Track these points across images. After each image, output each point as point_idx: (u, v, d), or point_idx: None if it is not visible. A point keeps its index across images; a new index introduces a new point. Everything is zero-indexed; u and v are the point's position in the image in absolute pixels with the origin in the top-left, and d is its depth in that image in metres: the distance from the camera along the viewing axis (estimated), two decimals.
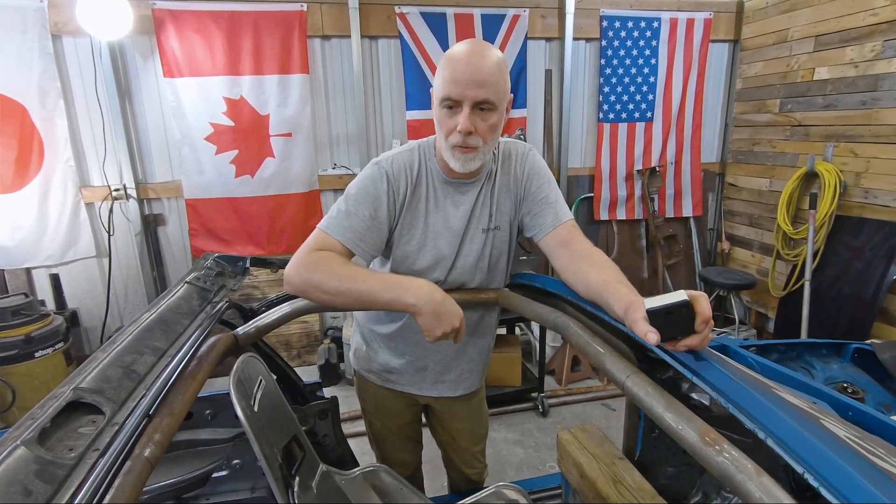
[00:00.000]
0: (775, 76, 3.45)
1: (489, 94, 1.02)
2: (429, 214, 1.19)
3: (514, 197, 1.24)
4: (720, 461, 0.58)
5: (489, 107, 1.04)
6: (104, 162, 3.06)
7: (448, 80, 1.03)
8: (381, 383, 1.43)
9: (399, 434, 1.54)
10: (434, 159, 1.19)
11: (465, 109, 1.02)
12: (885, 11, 2.72)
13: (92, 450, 0.58)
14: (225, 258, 1.25)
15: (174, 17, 2.94)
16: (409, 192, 1.16)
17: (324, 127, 3.39)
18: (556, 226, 1.18)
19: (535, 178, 1.22)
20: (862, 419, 1.17)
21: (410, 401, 1.46)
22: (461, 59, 1.02)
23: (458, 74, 1.01)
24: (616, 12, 3.53)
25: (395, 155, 1.18)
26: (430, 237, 1.21)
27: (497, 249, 1.27)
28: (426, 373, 1.37)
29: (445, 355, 1.36)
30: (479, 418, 1.57)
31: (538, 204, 1.20)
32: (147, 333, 0.85)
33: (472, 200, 1.21)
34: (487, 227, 1.23)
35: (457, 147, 1.07)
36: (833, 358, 1.82)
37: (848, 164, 2.97)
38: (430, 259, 1.22)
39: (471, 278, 1.28)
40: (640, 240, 3.98)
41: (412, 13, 3.23)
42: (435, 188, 1.19)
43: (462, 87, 1.01)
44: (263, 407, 1.04)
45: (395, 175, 1.14)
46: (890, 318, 2.76)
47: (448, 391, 1.42)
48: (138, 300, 3.33)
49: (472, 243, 1.23)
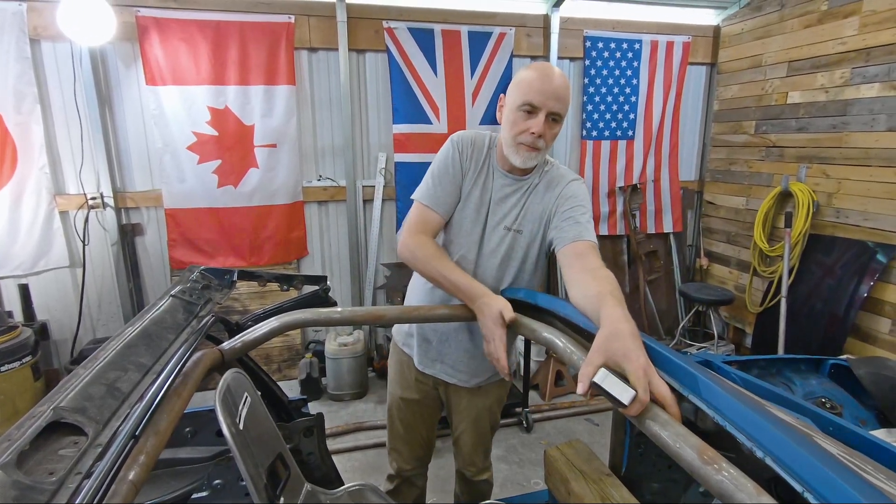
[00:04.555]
0: (751, 99, 3.58)
1: (561, 108, 1.23)
2: (476, 187, 1.37)
3: (545, 212, 1.35)
4: (719, 480, 0.58)
5: (557, 118, 1.24)
6: (81, 169, 2.98)
7: (532, 89, 1.21)
8: (401, 346, 1.59)
9: (409, 417, 1.61)
10: (496, 149, 1.39)
11: (542, 116, 1.21)
12: (852, 41, 2.86)
13: (74, 473, 0.55)
14: (211, 271, 1.22)
15: (159, 24, 2.91)
16: (472, 163, 1.37)
17: (309, 138, 3.38)
18: (577, 240, 1.24)
19: (570, 199, 1.32)
20: (842, 434, 1.19)
21: (421, 376, 1.55)
22: (546, 75, 1.22)
23: (542, 86, 1.20)
24: (599, 33, 3.62)
25: (468, 133, 1.40)
26: (471, 211, 1.37)
27: (515, 251, 1.37)
28: (430, 346, 1.50)
29: (444, 336, 1.47)
30: (481, 419, 1.60)
31: (566, 220, 1.29)
32: (131, 349, 0.81)
33: (507, 196, 1.37)
34: (510, 226, 1.36)
35: (524, 145, 1.25)
36: (811, 374, 1.86)
37: (820, 184, 3.08)
38: (469, 231, 1.38)
39: (489, 267, 1.39)
40: (622, 255, 4.04)
41: (400, 28, 3.26)
42: (491, 170, 1.38)
43: (544, 96, 1.20)
44: (249, 424, 1.01)
45: (462, 147, 1.37)
46: (862, 334, 2.85)
47: (445, 374, 1.51)
48: (112, 312, 3.22)
49: (495, 234, 1.37)
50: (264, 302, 3.36)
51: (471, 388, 1.53)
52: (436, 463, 1.75)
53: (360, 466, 2.58)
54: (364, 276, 3.60)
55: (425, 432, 1.66)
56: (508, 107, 1.28)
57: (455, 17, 3.36)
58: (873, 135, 2.78)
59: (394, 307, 1.37)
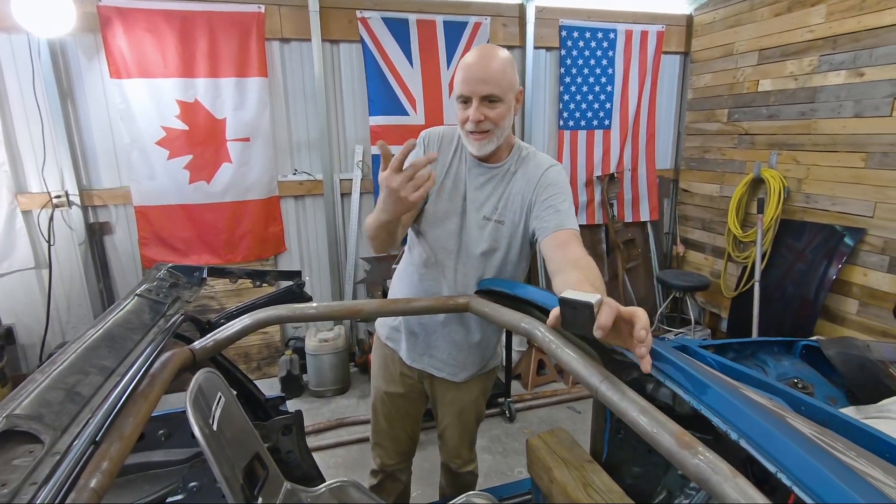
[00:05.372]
0: (723, 87, 3.63)
1: (493, 89, 1.22)
2: (448, 178, 1.38)
3: (525, 201, 1.34)
4: (695, 463, 0.59)
5: (495, 98, 1.24)
6: (43, 167, 2.86)
7: (461, 80, 1.25)
8: (385, 340, 1.58)
9: (393, 412, 1.60)
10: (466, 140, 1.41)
11: (475, 103, 1.23)
12: (819, 29, 2.91)
13: (29, 483, 0.52)
14: (180, 268, 1.18)
15: (122, 14, 2.80)
16: (440, 156, 1.38)
17: (284, 132, 3.31)
18: (558, 230, 1.24)
19: (549, 187, 1.31)
20: (813, 413, 1.22)
21: (406, 369, 1.54)
22: (471, 62, 1.24)
23: (468, 75, 1.23)
24: (574, 23, 3.62)
25: (437, 129, 1.44)
26: (445, 201, 1.38)
27: (497, 242, 1.36)
28: (417, 340, 1.49)
29: (431, 329, 1.46)
30: (466, 412, 1.60)
31: (546, 210, 1.29)
32: (92, 351, 0.77)
33: (482, 185, 1.37)
34: (490, 216, 1.36)
35: (471, 133, 1.28)
36: (784, 355, 1.91)
37: (791, 170, 3.15)
38: (444, 220, 1.38)
39: (474, 256, 1.38)
40: (601, 244, 4.08)
41: (374, 18, 3.21)
42: (462, 161, 1.39)
43: (471, 85, 1.23)
44: (223, 425, 0.98)
45: (429, 142, 1.41)
46: (831, 315, 2.94)
47: (433, 368, 1.50)
48: (82, 314, 3.12)
49: (474, 223, 1.37)
50: (241, 299, 3.30)
51: (457, 381, 1.52)
52: (420, 455, 1.74)
53: (343, 463, 2.56)
54: (343, 270, 3.56)
55: (410, 427, 1.65)
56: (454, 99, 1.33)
57: (430, 7, 3.32)
58: (840, 121, 2.85)
59: (372, 301, 1.35)
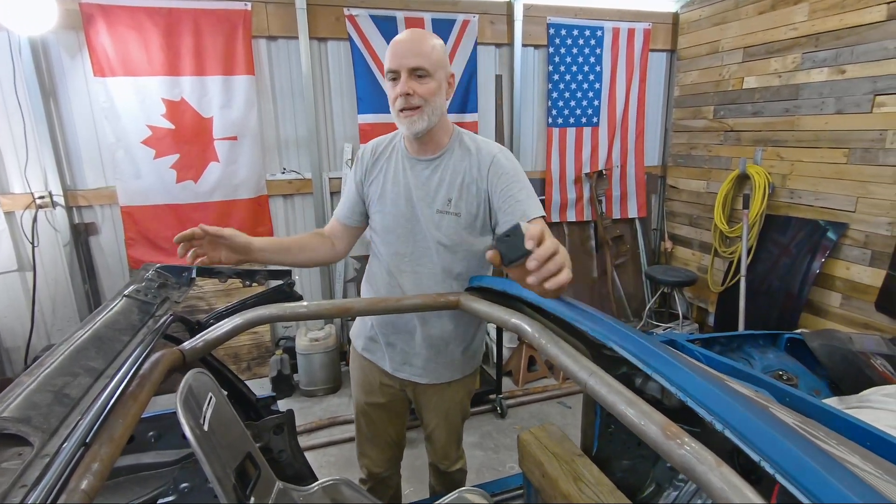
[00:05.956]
0: (709, 84, 3.67)
1: (422, 62, 1.22)
2: (387, 183, 1.39)
3: (481, 191, 1.31)
4: (681, 454, 0.60)
5: (423, 73, 1.23)
6: (26, 167, 2.81)
7: (390, 56, 1.24)
8: (361, 351, 1.56)
9: (376, 422, 1.59)
10: (403, 140, 1.40)
11: (403, 75, 1.22)
12: (803, 26, 2.96)
13: (19, 486, 0.52)
14: (168, 268, 1.17)
15: (105, 12, 2.75)
16: (369, 166, 1.42)
17: (272, 130, 3.28)
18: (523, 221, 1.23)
19: (503, 176, 1.29)
20: (798, 404, 1.25)
21: (387, 378, 1.52)
22: (400, 39, 1.24)
23: (396, 50, 1.23)
24: (562, 20, 3.64)
25: (370, 142, 1.47)
26: (390, 207, 1.38)
27: (455, 234, 1.34)
28: (395, 350, 1.48)
29: (408, 338, 1.45)
30: (452, 413, 1.58)
31: (507, 202, 1.28)
32: (80, 353, 0.77)
33: (427, 178, 1.35)
34: (444, 209, 1.33)
35: (401, 111, 1.25)
36: (769, 348, 1.94)
37: (775, 166, 3.20)
38: (393, 226, 1.38)
39: (430, 256, 1.37)
40: (590, 240, 4.11)
41: (361, 15, 3.19)
42: (399, 163, 1.38)
43: (398, 58, 1.22)
44: (214, 425, 0.98)
45: (363, 153, 1.45)
46: (815, 308, 2.99)
47: (415, 377, 1.48)
48: (68, 316, 3.08)
49: (427, 220, 1.34)
50: (230, 300, 3.27)
51: (441, 384, 1.50)
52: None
53: (335, 461, 2.56)
54: (333, 269, 3.55)
55: (394, 433, 1.64)
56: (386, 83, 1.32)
57: (417, 5, 3.31)
58: (822, 118, 2.90)
59: (361, 299, 1.35)
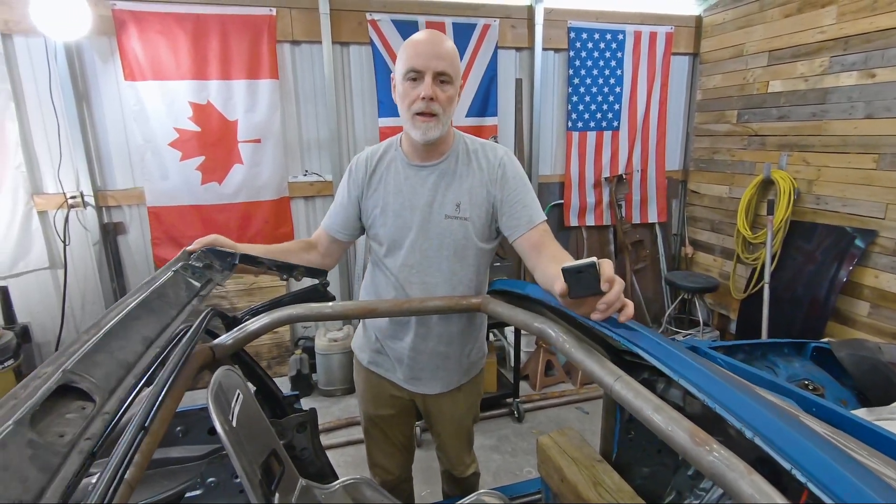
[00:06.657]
0: (733, 88, 3.62)
1: (447, 66, 1.17)
2: (388, 195, 1.32)
3: (491, 195, 1.30)
4: (711, 460, 0.60)
5: (447, 79, 1.19)
6: (59, 168, 2.91)
7: (412, 55, 1.17)
8: (367, 364, 1.52)
9: (386, 431, 1.58)
10: (400, 148, 1.34)
11: (428, 78, 1.16)
12: (831, 30, 2.90)
13: (84, 438, 0.55)
14: (214, 252, 1.20)
15: (136, 18, 2.84)
16: (366, 180, 1.34)
17: (294, 133, 3.34)
18: (530, 228, 1.25)
19: (511, 180, 1.29)
20: (824, 414, 1.23)
21: (396, 390, 1.50)
22: (422, 39, 1.19)
23: (421, 49, 1.17)
24: (583, 24, 3.63)
25: (362, 153, 1.39)
26: (392, 217, 1.32)
27: (464, 240, 1.31)
28: (402, 365, 1.44)
29: (412, 350, 1.41)
30: (463, 420, 1.58)
31: (513, 207, 1.27)
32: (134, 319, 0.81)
33: (433, 184, 1.30)
34: (453, 214, 1.29)
35: (418, 115, 1.19)
36: (794, 357, 1.91)
37: (801, 172, 3.14)
38: (399, 240, 1.32)
39: (439, 264, 1.33)
40: (609, 245, 4.08)
41: (383, 20, 3.23)
42: (400, 172, 1.32)
43: (424, 59, 1.16)
44: (241, 421, 1.00)
45: (356, 166, 1.37)
46: (842, 317, 2.92)
47: (426, 389, 1.46)
48: (96, 313, 3.17)
49: (435, 227, 1.30)
50: (252, 299, 3.33)
51: (451, 391, 1.49)
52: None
53: (353, 461, 2.58)
54: (353, 271, 3.59)
55: (404, 439, 1.62)
56: (397, 80, 1.24)
57: (439, 9, 3.34)
58: (851, 122, 2.84)
59: (385, 300, 1.36)
